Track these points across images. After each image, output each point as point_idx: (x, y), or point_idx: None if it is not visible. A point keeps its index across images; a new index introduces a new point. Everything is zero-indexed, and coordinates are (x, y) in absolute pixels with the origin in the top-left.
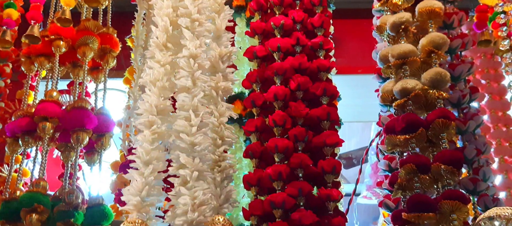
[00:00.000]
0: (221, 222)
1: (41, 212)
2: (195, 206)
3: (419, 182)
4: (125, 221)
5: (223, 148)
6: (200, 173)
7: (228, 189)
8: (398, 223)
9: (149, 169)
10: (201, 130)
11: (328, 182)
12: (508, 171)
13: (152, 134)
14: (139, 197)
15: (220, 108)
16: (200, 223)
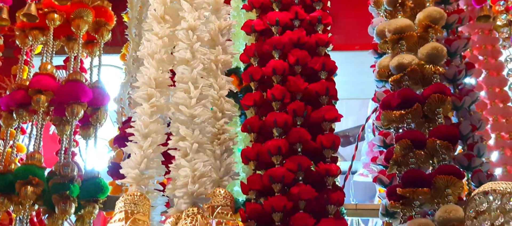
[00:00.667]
0: (222, 194)
1: (36, 184)
2: (195, 178)
3: (414, 158)
4: (124, 194)
5: (223, 121)
6: (200, 145)
7: (228, 162)
8: (393, 198)
9: (148, 142)
10: (201, 102)
11: (327, 157)
12: (504, 147)
13: (151, 107)
14: (138, 170)
15: (219, 81)
16: (200, 195)
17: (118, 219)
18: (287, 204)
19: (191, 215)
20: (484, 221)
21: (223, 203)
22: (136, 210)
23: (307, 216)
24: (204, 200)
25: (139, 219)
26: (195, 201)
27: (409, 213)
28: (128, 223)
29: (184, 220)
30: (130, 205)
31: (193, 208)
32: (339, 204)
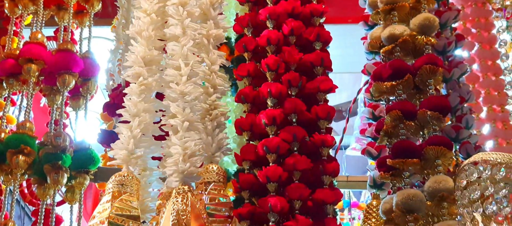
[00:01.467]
0: (215, 171)
1: (27, 153)
2: (186, 156)
3: (404, 129)
4: (115, 174)
5: (215, 96)
6: (190, 123)
7: (219, 138)
8: (383, 169)
9: (135, 122)
10: (191, 80)
11: (322, 128)
12: (496, 120)
13: (139, 86)
14: (126, 151)
15: (211, 56)
16: (191, 174)
17: (106, 200)
18: (282, 174)
19: (182, 193)
20: (474, 191)
21: (216, 179)
22: (124, 191)
23: (302, 187)
24: (194, 179)
25: (126, 199)
26: (186, 179)
27: (398, 184)
28: (115, 203)
29: (175, 198)
30: (117, 186)
31: (184, 186)
32: (335, 175)
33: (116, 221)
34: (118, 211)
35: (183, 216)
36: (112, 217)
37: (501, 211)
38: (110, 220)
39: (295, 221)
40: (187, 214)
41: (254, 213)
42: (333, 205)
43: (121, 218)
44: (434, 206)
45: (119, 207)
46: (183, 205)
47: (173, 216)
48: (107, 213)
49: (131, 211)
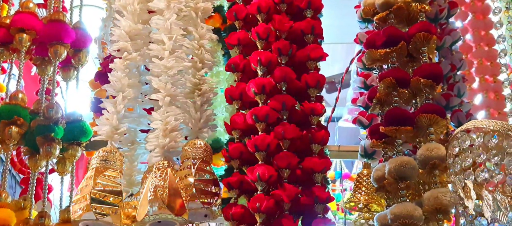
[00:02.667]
0: (202, 146)
1: (20, 125)
2: (166, 131)
3: (397, 96)
4: (99, 150)
5: (203, 71)
6: (172, 98)
7: (207, 113)
8: (375, 137)
9: (119, 97)
10: (174, 54)
11: (312, 96)
12: (488, 91)
13: (124, 61)
14: (110, 126)
15: (200, 30)
16: (171, 148)
17: (89, 176)
18: (271, 143)
19: (161, 169)
20: (466, 159)
21: (202, 155)
22: (107, 166)
23: (290, 155)
24: (175, 154)
25: (109, 175)
26: (166, 154)
27: (390, 153)
28: (97, 179)
29: (154, 173)
30: (101, 162)
31: (164, 161)
32: (323, 143)
33: (97, 197)
34: (100, 186)
35: (160, 192)
36: (94, 193)
37: (493, 178)
38: (91, 196)
39: (283, 189)
40: (165, 190)
41: (243, 181)
42: (321, 174)
43: (103, 194)
44: (426, 174)
45: (102, 182)
46: (161, 180)
47: (150, 191)
48: (89, 189)
49: (113, 186)
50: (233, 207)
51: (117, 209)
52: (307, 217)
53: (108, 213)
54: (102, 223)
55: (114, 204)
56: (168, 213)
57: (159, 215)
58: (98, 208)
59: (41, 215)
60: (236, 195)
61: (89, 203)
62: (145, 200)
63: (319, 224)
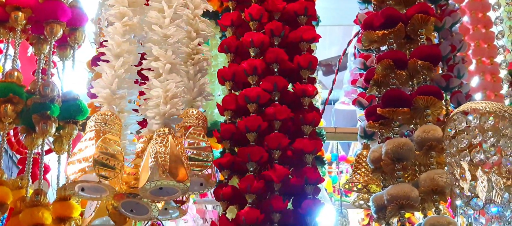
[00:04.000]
0: (195, 115)
1: (16, 103)
2: (167, 98)
3: (395, 78)
4: (96, 113)
5: (197, 41)
6: (173, 65)
7: (201, 82)
8: (372, 119)
9: (119, 62)
10: (174, 22)
11: (304, 77)
12: (485, 73)
13: (123, 26)
14: (109, 90)
15: (195, 0)
16: (172, 115)
17: (89, 138)
18: (262, 124)
19: (162, 135)
20: (462, 140)
21: (195, 123)
22: (107, 130)
23: (281, 136)
24: (175, 121)
25: (110, 139)
26: (167, 122)
27: (387, 134)
28: (99, 142)
29: (155, 140)
30: (100, 124)
31: (165, 128)
32: (315, 124)
33: (100, 160)
34: (102, 149)
35: (161, 158)
36: (97, 155)
37: (489, 160)
38: (95, 158)
39: (273, 170)
40: (166, 156)
41: (234, 162)
42: (312, 155)
43: (105, 157)
44: (422, 155)
45: (104, 145)
46: (163, 147)
47: (152, 158)
48: (91, 151)
49: (115, 150)
50: (224, 188)
51: (117, 173)
52: (298, 198)
53: (110, 176)
54: (99, 187)
55: (116, 168)
56: (170, 180)
57: (161, 182)
58: (101, 171)
59: (36, 193)
60: (227, 176)
61: (93, 165)
62: (146, 167)
63: (309, 205)
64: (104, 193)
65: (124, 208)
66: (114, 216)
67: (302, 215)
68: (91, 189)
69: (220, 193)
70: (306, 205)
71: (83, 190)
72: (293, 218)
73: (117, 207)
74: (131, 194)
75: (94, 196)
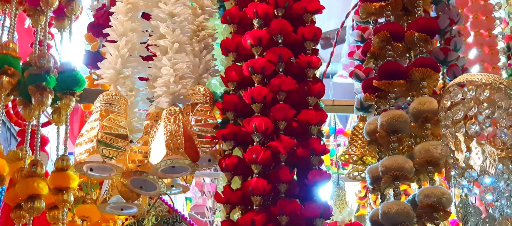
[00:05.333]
0: (201, 92)
1: (11, 74)
2: (177, 78)
3: (392, 50)
4: (102, 93)
5: (202, 17)
6: (180, 44)
7: (207, 59)
8: (369, 91)
9: (123, 41)
10: (180, 1)
11: (308, 49)
12: (483, 45)
13: (126, 5)
14: (113, 70)
15: None
16: (181, 95)
17: (94, 119)
18: (267, 95)
19: (173, 114)
20: (457, 112)
21: (202, 100)
22: (112, 110)
23: (287, 107)
24: (184, 101)
25: (114, 119)
26: (176, 100)
27: (383, 106)
28: (103, 122)
29: (167, 119)
30: (105, 105)
31: (175, 107)
32: (320, 96)
33: (104, 140)
34: (106, 130)
35: (176, 137)
36: (101, 135)
37: (483, 131)
38: (98, 138)
39: (279, 141)
40: (181, 135)
41: (237, 133)
42: (317, 126)
43: (109, 137)
44: (418, 127)
45: (108, 126)
46: (176, 126)
47: (166, 136)
48: (95, 131)
49: (119, 130)
50: (227, 158)
51: (123, 153)
52: (303, 169)
53: (114, 156)
54: (107, 166)
55: (121, 147)
56: (185, 158)
57: (176, 160)
58: (105, 151)
59: (33, 164)
60: (231, 147)
61: (96, 146)
62: (159, 144)
63: (315, 175)
64: (112, 173)
65: (134, 185)
66: (125, 194)
67: (308, 185)
68: (99, 169)
69: (224, 163)
70: (312, 176)
71: (91, 170)
72: (299, 189)
73: (127, 184)
74: (138, 172)
75: (103, 175)
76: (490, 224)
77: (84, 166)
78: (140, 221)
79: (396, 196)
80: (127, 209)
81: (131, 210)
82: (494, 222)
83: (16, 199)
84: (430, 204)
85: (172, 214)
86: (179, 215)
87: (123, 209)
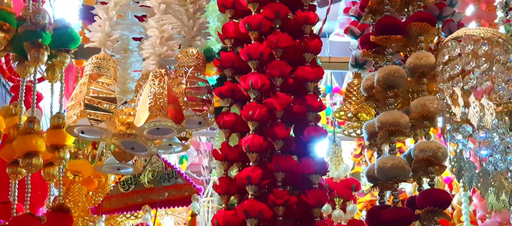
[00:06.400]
0: (194, 54)
1: (6, 30)
2: (163, 39)
3: (389, 5)
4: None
5: None
6: (167, 5)
7: (200, 21)
8: (366, 47)
9: (111, 3)
10: None
11: (305, 5)
12: (480, 2)
13: None
14: (102, 33)
15: None
16: (168, 57)
17: (82, 82)
18: (264, 51)
19: (158, 76)
20: (455, 66)
21: (195, 63)
22: (101, 73)
23: (284, 64)
24: (171, 62)
25: (103, 82)
26: (163, 63)
27: (380, 62)
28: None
29: (152, 81)
30: (94, 68)
31: (161, 69)
32: (316, 52)
33: (91, 103)
34: (94, 93)
35: (159, 99)
36: (88, 99)
37: (481, 85)
38: (85, 102)
39: (275, 97)
40: (164, 97)
41: (234, 90)
42: (314, 82)
43: (97, 100)
44: (414, 82)
45: (96, 89)
46: (160, 88)
47: (150, 98)
48: (83, 95)
49: (107, 93)
50: (225, 115)
51: (111, 116)
52: (299, 125)
53: (102, 119)
54: (97, 129)
55: (109, 111)
56: (167, 120)
57: (159, 122)
58: (92, 114)
59: (30, 120)
60: (228, 104)
61: (83, 109)
62: (143, 107)
63: (311, 132)
64: (103, 135)
65: (125, 146)
66: (118, 155)
67: (304, 142)
68: (89, 131)
69: (222, 121)
70: (308, 132)
71: (83, 133)
72: (295, 145)
73: (118, 146)
74: (127, 134)
75: (95, 137)
76: (484, 179)
77: (74, 129)
78: (137, 177)
79: (391, 151)
80: (123, 169)
81: (127, 169)
82: (488, 177)
83: (13, 155)
84: (425, 158)
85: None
86: (175, 170)
87: (119, 169)
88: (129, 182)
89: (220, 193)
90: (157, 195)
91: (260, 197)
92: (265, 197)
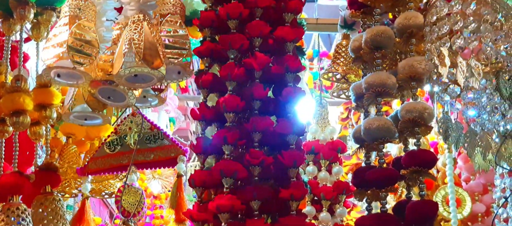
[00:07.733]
0: (171, 2)
1: None
2: None
3: None
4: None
5: None
6: None
7: None
8: (354, 7)
9: None
10: None
11: None
12: None
13: None
14: None
15: None
16: (147, 2)
17: (63, 23)
18: (243, 11)
19: (136, 22)
20: (443, 26)
21: (172, 11)
22: (81, 15)
23: (263, 24)
24: (150, 7)
25: (84, 25)
26: (142, 8)
27: (369, 23)
28: (73, 28)
29: (129, 27)
30: (74, 10)
31: (139, 15)
32: (297, 12)
33: (75, 46)
34: (76, 36)
35: (135, 45)
36: (71, 41)
37: (469, 45)
38: (69, 44)
39: (254, 58)
40: (140, 43)
41: (214, 50)
42: (293, 43)
43: (79, 43)
44: (403, 43)
45: (78, 32)
46: (137, 33)
47: (126, 44)
48: (65, 36)
49: (89, 36)
50: (203, 75)
51: (93, 60)
52: (278, 86)
53: (84, 62)
54: (74, 73)
55: (90, 54)
56: (144, 66)
57: (135, 69)
58: (76, 57)
59: (17, 78)
60: (207, 64)
61: (67, 51)
62: (120, 53)
63: (289, 92)
64: (80, 80)
65: (101, 95)
66: (92, 103)
67: (282, 102)
68: (66, 75)
69: (200, 80)
70: (286, 93)
71: (59, 76)
72: (274, 106)
73: (94, 94)
74: (107, 81)
75: (70, 82)
76: (471, 139)
77: (51, 71)
78: (122, 138)
79: (378, 113)
80: (92, 119)
81: (95, 120)
82: (475, 137)
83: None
84: (411, 119)
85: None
86: (161, 132)
87: (86, 119)
88: (115, 143)
89: (197, 152)
90: (143, 156)
91: (237, 157)
92: (241, 158)
